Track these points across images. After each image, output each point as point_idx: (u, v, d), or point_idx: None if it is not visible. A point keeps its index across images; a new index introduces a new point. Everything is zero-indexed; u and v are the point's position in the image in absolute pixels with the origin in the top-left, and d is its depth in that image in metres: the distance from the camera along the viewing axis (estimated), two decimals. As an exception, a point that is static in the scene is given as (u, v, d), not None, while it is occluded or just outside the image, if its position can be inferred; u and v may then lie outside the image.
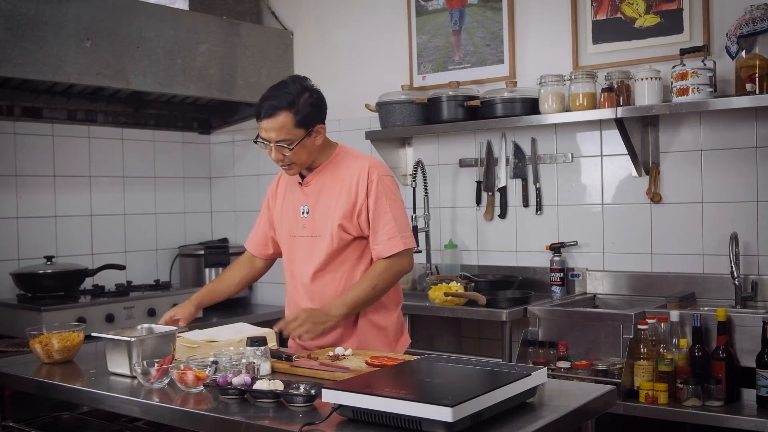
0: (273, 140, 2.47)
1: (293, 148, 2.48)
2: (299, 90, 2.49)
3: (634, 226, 3.49)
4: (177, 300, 4.03)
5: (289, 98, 2.46)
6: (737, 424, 2.67)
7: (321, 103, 2.56)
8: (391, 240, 2.51)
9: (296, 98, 2.47)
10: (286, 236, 2.68)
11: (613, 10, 3.49)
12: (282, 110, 2.45)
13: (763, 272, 3.17)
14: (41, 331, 2.39)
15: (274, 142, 2.48)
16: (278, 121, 2.45)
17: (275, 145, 2.48)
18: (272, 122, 2.46)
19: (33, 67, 3.40)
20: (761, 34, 2.93)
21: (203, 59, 4.05)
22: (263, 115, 2.48)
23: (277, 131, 2.46)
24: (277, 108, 2.45)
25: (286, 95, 2.47)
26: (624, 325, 2.98)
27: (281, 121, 2.45)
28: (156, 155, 4.60)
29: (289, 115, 2.45)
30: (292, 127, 2.46)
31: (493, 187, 3.86)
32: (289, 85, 2.51)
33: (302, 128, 2.47)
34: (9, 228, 3.93)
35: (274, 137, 2.47)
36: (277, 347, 2.42)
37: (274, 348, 2.35)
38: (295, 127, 2.46)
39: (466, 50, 3.94)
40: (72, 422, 2.45)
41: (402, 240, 2.52)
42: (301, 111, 2.46)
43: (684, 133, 3.36)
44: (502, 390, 1.67)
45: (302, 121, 2.47)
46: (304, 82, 2.55)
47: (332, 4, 4.43)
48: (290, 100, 2.46)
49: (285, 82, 2.54)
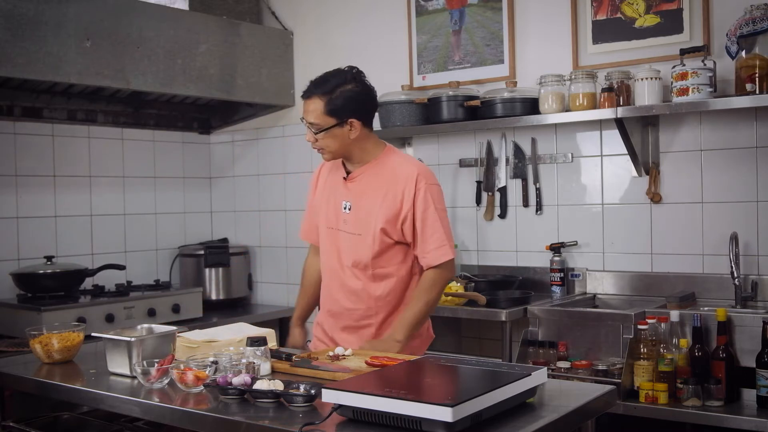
0: (307, 121, 2.54)
1: (319, 134, 2.52)
2: (343, 80, 2.53)
3: (634, 226, 3.49)
4: (177, 300, 4.05)
5: (328, 86, 2.51)
6: (737, 424, 2.67)
7: (361, 98, 2.56)
8: (440, 248, 2.55)
9: (334, 87, 2.51)
10: (323, 227, 2.70)
11: (613, 10, 3.49)
12: (315, 95, 2.51)
13: (763, 272, 3.17)
14: (41, 331, 2.39)
15: (307, 123, 2.54)
16: (311, 105, 2.51)
17: (307, 127, 2.55)
18: (307, 104, 2.53)
19: (33, 67, 3.40)
20: (761, 34, 2.93)
21: (203, 59, 4.05)
22: (303, 96, 2.55)
23: (309, 114, 2.52)
24: (312, 92, 2.52)
25: (327, 82, 2.52)
26: (624, 325, 2.98)
27: (314, 105, 2.51)
28: (156, 155, 4.60)
29: (321, 101, 2.50)
30: (322, 113, 2.50)
31: (493, 187, 3.86)
32: (339, 73, 2.56)
33: (333, 117, 2.51)
34: (9, 228, 3.93)
35: (309, 119, 2.53)
36: (277, 347, 2.42)
37: (273, 348, 2.35)
38: (325, 114, 2.50)
39: (466, 50, 3.94)
40: (72, 422, 2.45)
41: (451, 249, 2.57)
42: (334, 101, 2.50)
43: (684, 133, 3.36)
44: (502, 390, 1.67)
45: (334, 111, 2.50)
46: (353, 74, 2.56)
47: (332, 4, 4.43)
48: (327, 88, 2.50)
49: (339, 70, 2.58)
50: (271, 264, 4.70)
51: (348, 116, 2.52)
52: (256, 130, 4.74)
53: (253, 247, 4.76)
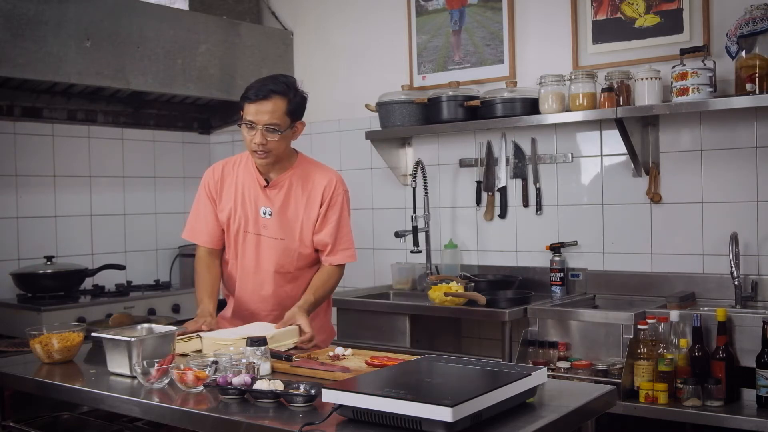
0: (264, 123, 2.53)
1: (283, 133, 2.56)
2: (292, 83, 2.62)
3: (634, 226, 3.49)
4: (177, 300, 4.05)
5: (285, 86, 2.56)
6: (737, 424, 2.67)
7: (305, 102, 2.68)
8: (347, 251, 2.75)
9: (291, 89, 2.58)
10: (239, 232, 2.75)
11: (613, 10, 3.49)
12: (278, 94, 2.54)
13: (763, 272, 3.17)
14: (41, 331, 2.38)
15: (263, 125, 2.53)
16: (272, 105, 2.53)
17: (263, 129, 2.54)
18: (265, 104, 2.52)
19: (33, 67, 3.40)
20: (761, 34, 2.93)
21: (203, 59, 4.05)
22: (257, 97, 2.53)
23: (270, 114, 2.52)
24: (273, 92, 2.54)
25: (281, 83, 2.57)
26: (624, 325, 2.98)
27: (275, 105, 2.53)
28: (156, 155, 4.60)
29: (284, 100, 2.54)
30: (283, 113, 2.55)
31: (493, 187, 3.86)
32: (282, 77, 2.62)
33: (290, 119, 2.58)
34: (9, 228, 3.93)
35: (266, 120, 2.53)
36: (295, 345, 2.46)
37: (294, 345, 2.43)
38: (286, 114, 2.56)
39: (466, 50, 3.94)
40: (72, 422, 2.45)
41: (354, 252, 2.78)
42: (293, 101, 2.57)
43: (684, 133, 3.36)
44: (502, 390, 1.67)
45: (292, 112, 2.58)
46: (293, 80, 2.65)
47: (332, 4, 4.43)
48: (285, 88, 2.56)
49: (276, 76, 2.64)
50: (271, 264, 4.70)
51: (299, 118, 2.63)
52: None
53: (253, 247, 4.76)
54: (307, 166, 2.75)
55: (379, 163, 4.17)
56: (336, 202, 2.71)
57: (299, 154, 2.78)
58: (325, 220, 2.71)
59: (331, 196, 2.71)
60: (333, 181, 2.72)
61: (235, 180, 2.76)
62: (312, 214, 2.70)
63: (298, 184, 2.71)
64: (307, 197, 2.70)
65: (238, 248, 2.76)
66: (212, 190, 2.79)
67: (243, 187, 2.74)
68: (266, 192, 2.71)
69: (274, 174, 2.71)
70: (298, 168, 2.73)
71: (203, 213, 2.80)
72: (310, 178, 2.72)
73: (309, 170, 2.74)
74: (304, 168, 2.74)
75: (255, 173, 2.73)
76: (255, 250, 2.74)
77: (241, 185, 2.75)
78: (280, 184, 2.70)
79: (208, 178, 2.81)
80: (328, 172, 2.77)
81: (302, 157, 2.78)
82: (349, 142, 4.35)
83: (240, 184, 2.75)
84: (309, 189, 2.71)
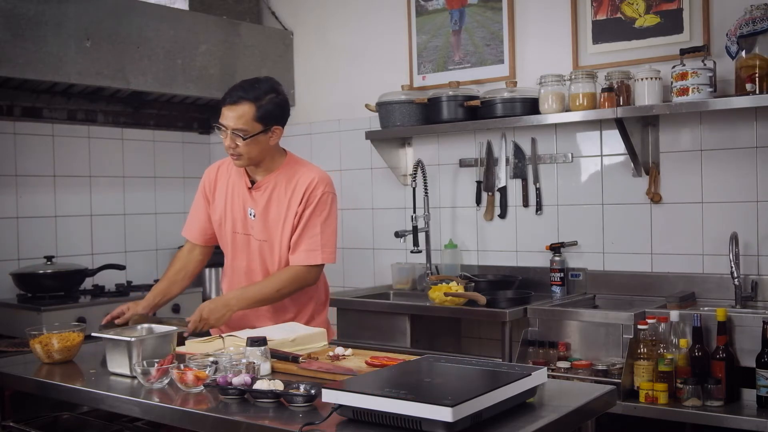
0: (230, 128, 2.57)
1: (246, 140, 2.57)
2: (268, 88, 2.61)
3: (634, 226, 3.49)
4: (177, 300, 4.00)
5: (256, 92, 2.58)
6: (737, 424, 2.67)
7: (285, 106, 2.67)
8: (312, 252, 2.67)
9: (262, 94, 2.58)
10: (229, 232, 2.78)
11: (613, 10, 3.49)
12: (246, 101, 2.56)
13: (763, 272, 3.17)
14: (41, 331, 2.38)
15: (231, 130, 2.57)
16: (239, 110, 2.56)
17: (231, 133, 2.57)
18: (234, 110, 2.56)
19: (33, 67, 3.40)
20: (761, 34, 2.93)
21: (203, 59, 4.05)
22: (227, 102, 2.58)
23: (236, 119, 2.56)
24: (242, 97, 2.56)
25: (254, 89, 2.58)
26: (624, 325, 2.98)
27: (242, 110, 2.56)
28: (156, 155, 4.60)
29: (251, 107, 2.56)
30: (251, 119, 2.56)
31: (493, 187, 3.86)
32: (261, 82, 2.63)
33: (260, 124, 2.58)
34: (9, 228, 3.93)
35: (232, 125, 2.57)
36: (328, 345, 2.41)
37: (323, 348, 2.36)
38: (254, 120, 2.57)
39: (466, 50, 3.94)
40: (72, 422, 2.45)
41: (321, 255, 2.68)
42: (264, 107, 2.58)
43: (684, 133, 3.36)
44: (502, 390, 1.67)
45: (262, 117, 2.58)
46: (275, 83, 2.67)
47: (332, 4, 4.43)
48: (256, 94, 2.57)
49: (257, 79, 2.65)
50: (271, 264, 4.69)
51: (272, 123, 2.61)
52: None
53: (253, 247, 4.76)
54: (293, 166, 2.74)
55: (379, 163, 4.17)
56: (312, 201, 2.68)
57: (288, 154, 2.77)
58: (299, 219, 2.68)
59: (309, 195, 2.67)
60: (314, 180, 2.69)
61: (227, 180, 2.80)
62: (291, 214, 2.69)
63: (282, 186, 2.70)
64: (288, 198, 2.69)
65: (230, 248, 2.81)
66: (207, 190, 2.84)
67: (233, 188, 2.77)
68: (251, 193, 2.73)
69: (260, 175, 2.72)
70: (284, 169, 2.72)
71: (196, 211, 2.88)
72: (293, 179, 2.70)
73: (295, 171, 2.72)
74: (289, 168, 2.73)
75: (243, 174, 2.75)
76: (245, 251, 2.76)
77: (231, 186, 2.78)
78: (264, 185, 2.71)
79: (205, 177, 2.87)
80: (313, 171, 2.73)
81: (290, 158, 2.77)
82: (349, 142, 4.35)
83: (231, 184, 2.78)
84: (291, 190, 2.69)
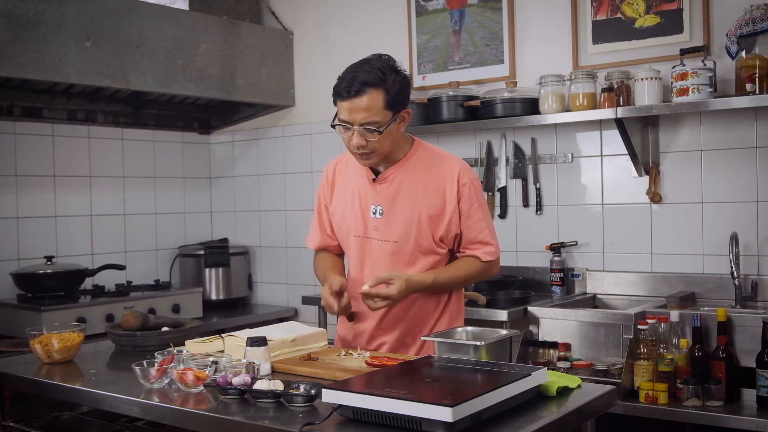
0: (359, 122, 2.19)
1: (383, 132, 2.20)
2: (389, 68, 2.22)
3: (634, 226, 3.49)
4: (177, 300, 4.05)
5: (380, 75, 2.19)
6: (737, 424, 2.67)
7: (409, 85, 2.30)
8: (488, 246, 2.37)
9: (386, 75, 2.20)
10: (349, 235, 2.43)
11: (613, 10, 3.49)
12: (372, 87, 2.18)
13: (763, 272, 3.17)
14: (41, 331, 2.38)
15: (359, 125, 2.19)
16: (367, 101, 2.17)
17: (361, 129, 2.20)
18: (359, 101, 2.18)
19: (33, 67, 3.40)
20: (761, 34, 2.93)
21: (203, 59, 4.05)
22: (349, 94, 2.18)
23: (365, 112, 2.18)
24: (366, 84, 2.18)
25: (375, 71, 2.19)
26: (624, 325, 2.98)
27: (371, 100, 2.17)
28: (156, 155, 4.60)
29: (380, 93, 2.18)
30: (382, 108, 2.19)
31: (493, 187, 3.86)
32: (375, 61, 2.24)
33: (391, 110, 2.21)
34: (9, 228, 3.93)
35: (361, 119, 2.19)
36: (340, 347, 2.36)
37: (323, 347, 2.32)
38: (385, 108, 2.19)
39: (466, 50, 3.94)
40: (72, 422, 2.45)
41: (497, 248, 2.41)
42: (392, 90, 2.20)
43: (684, 133, 3.36)
44: (502, 390, 1.67)
45: (392, 102, 2.20)
46: (392, 60, 2.27)
47: (332, 4, 4.43)
48: (381, 76, 2.18)
49: (369, 59, 2.26)
50: (271, 264, 4.70)
51: (402, 107, 2.25)
52: (256, 130, 4.74)
53: (253, 247, 4.76)
54: (424, 154, 2.37)
55: (379, 163, 4.16)
56: (465, 194, 2.31)
57: (416, 140, 2.40)
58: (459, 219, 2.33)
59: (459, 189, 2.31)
60: (456, 170, 2.32)
61: (345, 178, 2.45)
62: (431, 212, 2.31)
63: (412, 175, 2.32)
64: (423, 192, 2.31)
65: (352, 256, 2.45)
66: (324, 193, 2.51)
67: (353, 184, 2.40)
68: (375, 187, 2.35)
69: (384, 166, 2.35)
70: (414, 157, 2.35)
71: (319, 220, 2.54)
72: (428, 168, 2.32)
73: (427, 159, 2.35)
74: (419, 157, 2.36)
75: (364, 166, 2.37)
76: (358, 256, 2.40)
77: (351, 182, 2.41)
78: (391, 177, 2.33)
79: (322, 181, 2.53)
80: (449, 160, 2.36)
81: (418, 143, 2.40)
82: (349, 142, 4.33)
83: (351, 181, 2.42)
84: (426, 180, 2.32)
